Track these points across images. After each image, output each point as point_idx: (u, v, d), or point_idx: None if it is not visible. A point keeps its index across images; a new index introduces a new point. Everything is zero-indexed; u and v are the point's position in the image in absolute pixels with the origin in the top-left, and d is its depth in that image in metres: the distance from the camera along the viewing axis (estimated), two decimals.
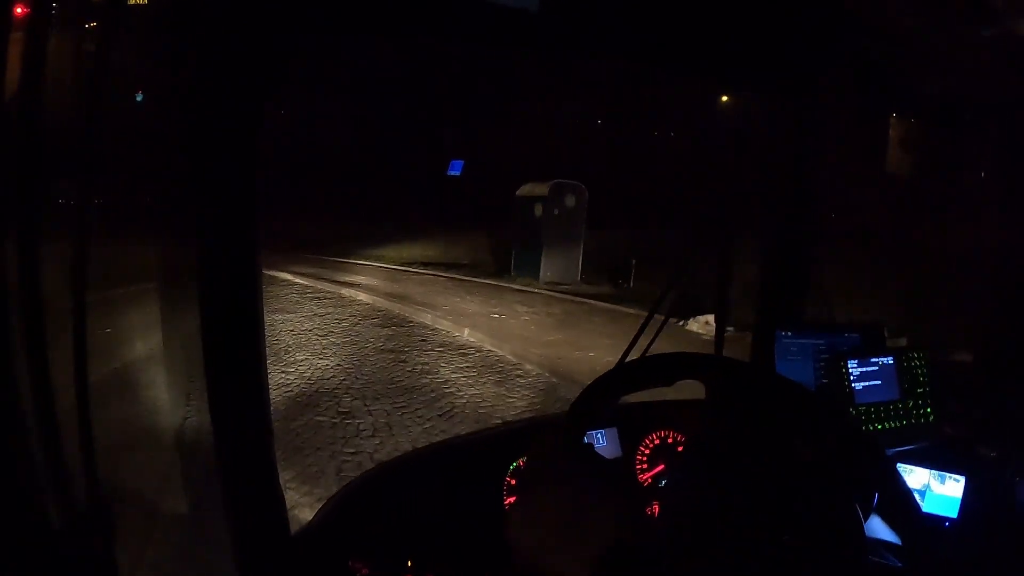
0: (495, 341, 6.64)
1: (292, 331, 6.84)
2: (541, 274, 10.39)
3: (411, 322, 7.64)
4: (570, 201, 10.56)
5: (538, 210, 10.44)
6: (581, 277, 10.59)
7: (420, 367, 5.86)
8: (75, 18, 0.67)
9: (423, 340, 6.83)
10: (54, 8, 0.55)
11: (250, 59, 0.76)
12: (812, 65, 1.43)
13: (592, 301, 8.90)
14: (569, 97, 16.30)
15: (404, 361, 6.02)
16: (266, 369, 0.83)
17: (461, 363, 6.05)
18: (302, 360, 5.82)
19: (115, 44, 0.60)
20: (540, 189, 10.58)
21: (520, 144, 16.78)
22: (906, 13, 1.27)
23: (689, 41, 1.24)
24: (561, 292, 9.65)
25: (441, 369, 5.83)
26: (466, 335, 7.01)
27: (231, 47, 0.75)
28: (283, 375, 5.31)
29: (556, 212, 10.44)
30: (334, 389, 5.07)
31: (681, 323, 6.39)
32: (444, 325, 7.42)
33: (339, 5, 0.88)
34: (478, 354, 6.40)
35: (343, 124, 21.26)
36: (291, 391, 4.95)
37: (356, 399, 4.89)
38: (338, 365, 5.76)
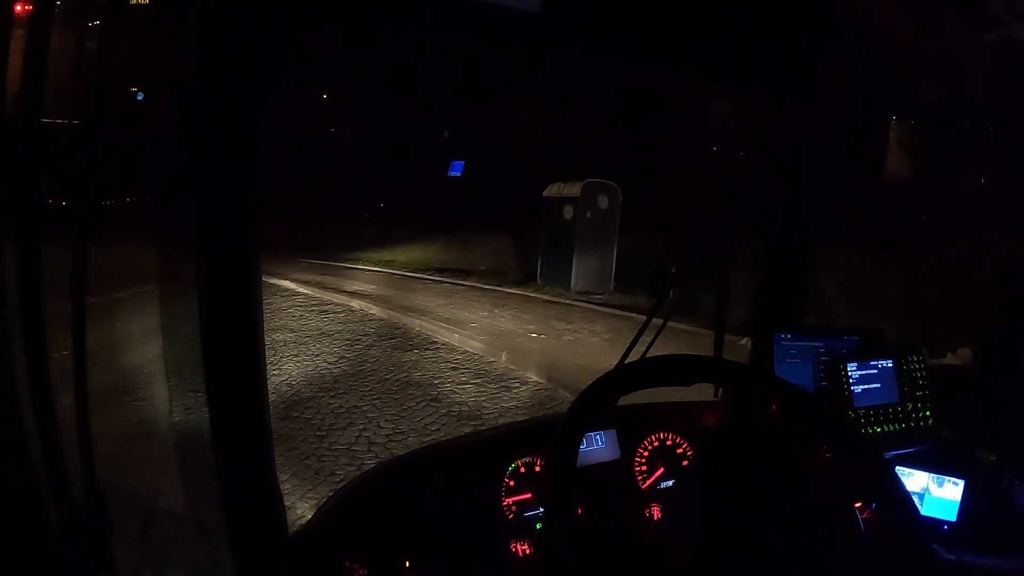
0: (542, 371, 5.51)
1: (296, 356, 5.80)
2: (572, 283, 9.42)
3: (435, 343, 6.58)
4: (603, 202, 9.63)
5: (568, 212, 9.53)
6: (614, 286, 9.57)
7: (457, 408, 4.68)
8: (77, 16, 0.67)
9: (454, 368, 5.69)
10: (56, 6, 0.55)
11: (250, 59, 0.76)
12: (812, 69, 1.43)
13: (635, 315, 7.51)
14: (574, 96, 16.26)
15: (436, 400, 4.83)
16: (265, 369, 0.83)
17: (507, 401, 4.89)
18: (308, 399, 4.69)
19: (117, 43, 0.60)
20: (571, 189, 9.64)
21: (522, 145, 16.75)
22: (906, 17, 1.27)
23: (690, 42, 1.25)
24: (596, 304, 8.62)
25: (485, 410, 4.65)
26: (504, 361, 5.86)
27: (232, 47, 0.75)
28: (286, 423, 4.24)
29: (588, 215, 9.50)
30: (351, 445, 3.97)
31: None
32: (475, 347, 6.32)
33: (339, 4, 0.88)
34: (524, 388, 5.20)
35: (344, 125, 21.25)
36: (297, 449, 3.89)
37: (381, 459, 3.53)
38: (355, 407, 4.58)
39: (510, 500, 1.22)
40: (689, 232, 9.10)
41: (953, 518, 1.23)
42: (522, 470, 1.24)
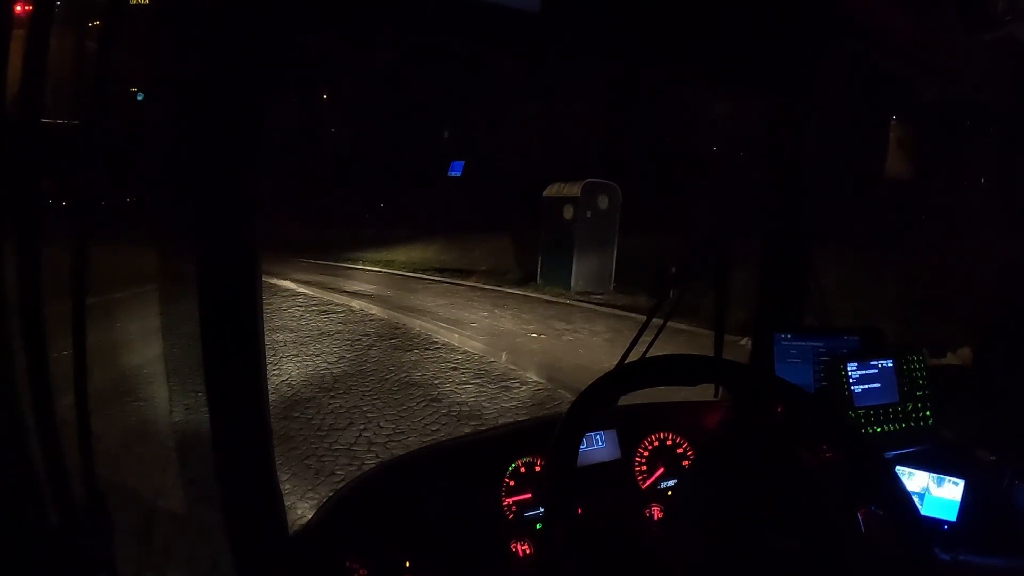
0: (542, 371, 5.52)
1: (295, 356, 5.82)
2: (572, 283, 9.44)
3: (436, 343, 6.59)
4: (603, 202, 9.66)
5: (568, 212, 9.57)
6: (614, 286, 9.57)
7: (457, 408, 4.68)
8: (77, 16, 0.67)
9: (454, 368, 5.71)
10: (56, 6, 0.55)
11: (250, 59, 0.76)
12: (812, 68, 1.43)
13: (635, 315, 7.47)
14: (574, 96, 16.25)
15: (436, 400, 4.83)
16: (265, 369, 0.83)
17: (507, 402, 4.89)
18: (308, 399, 4.71)
19: (116, 43, 0.60)
20: (571, 189, 9.67)
21: (522, 145, 16.75)
22: (906, 17, 1.27)
23: (690, 42, 1.25)
24: (596, 303, 8.61)
25: (485, 411, 4.65)
26: (504, 361, 5.88)
27: (232, 47, 0.75)
28: (287, 423, 4.24)
29: (588, 215, 9.54)
30: (352, 445, 3.99)
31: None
32: (475, 348, 6.33)
33: (339, 5, 0.88)
34: (524, 388, 5.21)
35: (345, 125, 21.26)
36: (298, 449, 3.90)
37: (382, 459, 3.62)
38: (355, 407, 4.59)
39: (510, 500, 1.22)
40: (689, 232, 9.09)
41: (953, 518, 1.23)
42: (522, 470, 1.24)
